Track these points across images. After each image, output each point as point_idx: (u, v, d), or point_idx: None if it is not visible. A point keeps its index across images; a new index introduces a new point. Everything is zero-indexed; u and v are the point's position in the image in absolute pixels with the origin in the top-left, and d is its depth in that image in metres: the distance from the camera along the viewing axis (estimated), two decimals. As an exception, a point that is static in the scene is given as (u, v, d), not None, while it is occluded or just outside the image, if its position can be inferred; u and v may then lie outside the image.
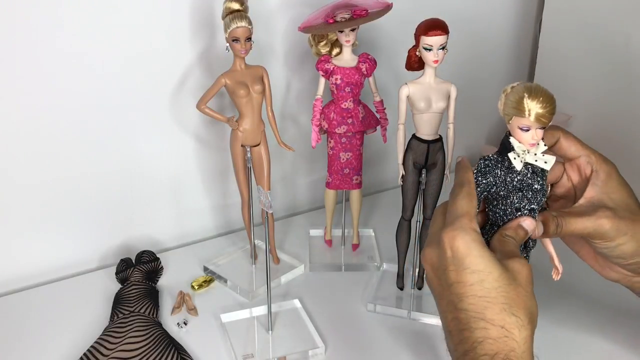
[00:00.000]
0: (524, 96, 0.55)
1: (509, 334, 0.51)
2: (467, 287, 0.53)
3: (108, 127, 0.90)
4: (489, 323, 0.52)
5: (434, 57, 0.73)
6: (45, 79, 0.83)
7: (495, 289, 0.52)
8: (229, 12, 0.79)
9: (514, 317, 0.52)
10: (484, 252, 0.54)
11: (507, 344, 0.51)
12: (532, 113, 0.55)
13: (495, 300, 0.52)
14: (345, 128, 0.88)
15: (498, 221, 0.62)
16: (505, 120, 0.58)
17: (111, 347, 0.75)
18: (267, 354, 0.77)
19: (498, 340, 0.51)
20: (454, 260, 0.54)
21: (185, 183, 0.99)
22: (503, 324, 0.51)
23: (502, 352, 0.51)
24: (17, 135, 0.84)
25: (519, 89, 0.56)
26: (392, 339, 0.80)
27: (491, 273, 0.53)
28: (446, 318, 0.55)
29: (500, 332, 0.51)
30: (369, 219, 1.05)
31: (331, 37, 0.86)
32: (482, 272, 0.53)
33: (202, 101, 0.83)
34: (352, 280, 0.91)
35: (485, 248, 0.54)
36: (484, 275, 0.53)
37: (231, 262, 0.95)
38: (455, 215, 0.56)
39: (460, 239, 0.54)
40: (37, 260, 0.92)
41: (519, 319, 0.52)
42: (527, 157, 0.58)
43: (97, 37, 0.84)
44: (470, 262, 0.53)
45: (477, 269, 0.53)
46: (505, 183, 0.60)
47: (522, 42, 1.24)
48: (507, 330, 0.51)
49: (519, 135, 0.57)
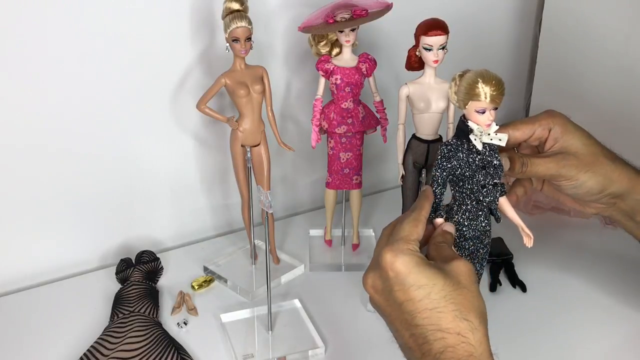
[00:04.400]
0: (478, 81, 0.60)
1: (465, 339, 0.53)
2: (417, 303, 0.54)
3: (108, 127, 0.90)
4: (446, 332, 0.53)
5: (434, 57, 0.74)
6: (45, 79, 0.83)
7: (443, 298, 0.54)
8: (228, 12, 0.79)
9: (466, 321, 0.54)
10: (423, 268, 0.56)
11: (465, 349, 0.53)
12: (487, 96, 0.60)
13: (445, 309, 0.54)
14: (345, 128, 0.88)
15: (465, 200, 0.66)
16: (459, 106, 0.63)
17: (111, 347, 0.75)
18: (267, 354, 0.77)
19: (457, 347, 0.53)
20: (397, 280, 0.56)
21: (185, 183, 0.99)
22: (458, 330, 0.53)
23: (463, 358, 0.53)
24: (17, 136, 0.84)
25: (471, 77, 0.60)
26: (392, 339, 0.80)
27: (435, 284, 0.55)
28: (403, 336, 0.56)
29: (457, 339, 0.53)
30: (369, 219, 1.05)
31: (331, 37, 0.86)
32: (427, 286, 0.55)
33: (202, 101, 0.83)
34: (352, 280, 0.91)
35: (424, 264, 0.56)
36: (429, 288, 0.55)
37: (231, 262, 0.95)
38: (395, 238, 0.59)
39: (398, 259, 0.56)
40: (37, 260, 0.92)
41: (470, 323, 0.54)
42: (484, 138, 0.62)
43: (97, 37, 0.84)
44: (413, 279, 0.55)
45: (421, 283, 0.55)
46: (469, 164, 0.64)
47: (522, 42, 1.24)
48: (462, 336, 0.53)
49: (475, 118, 0.61)
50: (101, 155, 0.91)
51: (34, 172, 0.87)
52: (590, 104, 1.06)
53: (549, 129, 0.71)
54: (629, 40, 0.99)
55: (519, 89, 1.28)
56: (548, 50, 1.15)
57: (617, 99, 1.02)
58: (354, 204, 0.95)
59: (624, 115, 1.01)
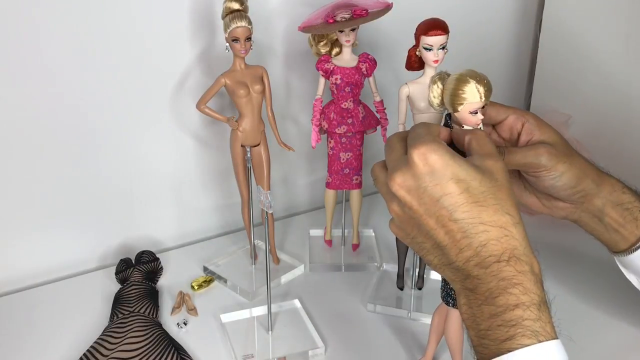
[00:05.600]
0: (472, 83, 0.59)
1: (509, 233, 0.52)
2: (457, 197, 0.52)
3: (108, 126, 0.90)
4: (488, 225, 0.52)
5: (434, 57, 0.73)
6: (45, 79, 0.83)
7: (482, 193, 0.52)
8: (228, 12, 0.79)
9: (508, 215, 0.52)
10: (460, 161, 0.53)
11: (509, 243, 0.52)
12: (482, 95, 0.59)
13: (486, 203, 0.52)
14: (345, 128, 0.88)
15: None
16: (451, 109, 0.61)
17: (111, 347, 0.75)
18: (267, 354, 0.77)
19: (500, 240, 0.51)
20: (433, 174, 0.53)
21: (185, 183, 0.99)
22: (501, 223, 0.52)
23: (507, 251, 0.51)
24: (17, 136, 0.84)
25: (462, 79, 0.59)
26: (392, 339, 0.80)
27: (475, 179, 0.53)
28: (437, 235, 0.54)
29: (500, 232, 0.52)
30: (369, 219, 1.05)
31: (331, 37, 0.86)
32: (465, 180, 0.53)
33: (202, 101, 0.83)
34: (352, 280, 0.91)
35: (459, 157, 0.54)
36: (468, 182, 0.53)
37: (231, 262, 0.95)
38: (418, 136, 0.55)
39: (433, 152, 0.53)
40: (37, 260, 0.92)
41: (512, 217, 0.52)
42: None
43: (97, 37, 0.84)
44: (451, 172, 0.53)
45: (460, 177, 0.53)
46: None
47: (522, 42, 1.24)
48: (505, 229, 0.52)
49: (470, 119, 0.61)
50: (101, 155, 0.91)
51: (33, 172, 0.87)
52: (590, 104, 1.06)
53: (522, 122, 0.69)
54: (629, 40, 0.99)
55: (519, 89, 1.28)
56: (548, 50, 1.15)
57: (617, 99, 1.02)
58: (354, 204, 0.95)
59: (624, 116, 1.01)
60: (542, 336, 0.50)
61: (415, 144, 0.54)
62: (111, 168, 0.92)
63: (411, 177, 0.54)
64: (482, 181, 0.53)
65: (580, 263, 0.93)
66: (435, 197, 0.53)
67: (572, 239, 1.01)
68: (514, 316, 0.50)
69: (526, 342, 0.49)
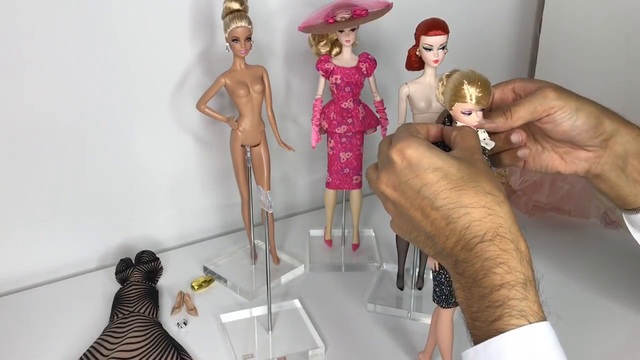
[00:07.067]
0: (464, 83, 0.59)
1: (492, 211, 0.52)
2: (435, 185, 0.53)
3: (108, 126, 0.90)
4: (469, 207, 0.52)
5: (434, 57, 0.73)
6: (45, 79, 0.83)
7: (461, 179, 0.53)
8: (228, 12, 0.79)
9: (490, 195, 0.52)
10: (436, 151, 0.54)
11: (493, 221, 0.52)
12: (473, 97, 0.59)
13: (465, 186, 0.52)
14: (345, 128, 0.88)
15: None
16: (447, 107, 0.62)
17: (111, 347, 0.75)
18: (267, 354, 0.77)
19: (483, 220, 0.51)
20: (411, 167, 0.54)
21: (185, 183, 0.99)
22: (483, 203, 0.52)
23: (491, 230, 0.51)
24: (17, 136, 0.84)
25: (457, 78, 0.60)
26: (392, 339, 0.80)
27: (452, 166, 0.53)
28: (424, 227, 0.55)
29: (483, 212, 0.52)
30: (369, 219, 1.05)
31: (331, 36, 0.86)
32: (443, 168, 0.53)
33: (202, 101, 0.83)
34: (352, 280, 0.91)
35: (435, 149, 0.55)
36: (445, 169, 0.53)
37: (231, 262, 0.95)
38: (397, 135, 0.57)
39: (409, 147, 0.54)
40: (37, 260, 0.92)
41: (495, 196, 0.52)
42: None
43: (97, 37, 0.84)
44: (427, 162, 0.54)
45: (437, 166, 0.53)
46: None
47: (522, 42, 1.24)
48: (488, 209, 0.52)
49: (463, 119, 0.61)
50: (101, 155, 0.91)
51: (33, 172, 0.87)
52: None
53: (511, 88, 0.68)
54: (629, 40, 0.99)
55: (519, 89, 1.28)
56: (548, 50, 1.15)
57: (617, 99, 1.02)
58: (354, 204, 0.95)
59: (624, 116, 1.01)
60: (531, 316, 0.50)
61: (393, 143, 0.56)
62: (111, 168, 0.92)
63: (393, 174, 0.56)
64: (459, 168, 0.53)
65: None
66: (416, 189, 0.54)
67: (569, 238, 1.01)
68: (499, 296, 0.50)
69: (514, 322, 0.49)
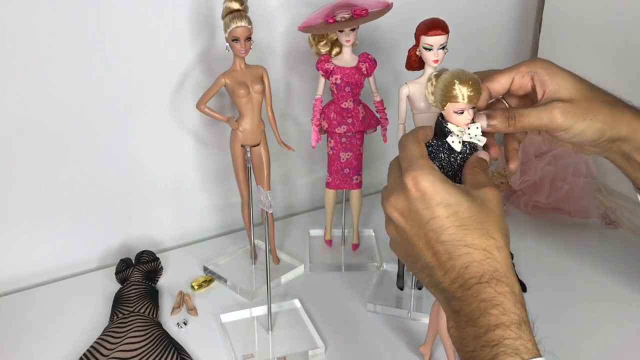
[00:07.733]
0: (455, 83, 0.59)
1: (491, 256, 0.53)
2: (444, 220, 0.54)
3: (108, 126, 0.90)
4: (471, 247, 0.53)
5: (434, 56, 0.73)
6: (45, 79, 0.83)
7: (469, 217, 0.54)
8: (228, 12, 0.79)
9: (492, 239, 0.54)
10: (450, 187, 0.56)
11: (490, 265, 0.53)
12: (465, 97, 0.59)
13: (472, 226, 0.54)
14: (345, 128, 0.88)
15: None
16: (438, 107, 0.62)
17: (111, 347, 0.75)
18: (267, 354, 0.77)
19: (482, 263, 0.53)
20: (424, 199, 0.55)
21: (185, 183, 0.99)
22: (484, 246, 0.53)
23: (488, 273, 0.53)
24: (17, 136, 0.84)
25: (447, 78, 0.60)
26: (392, 339, 0.80)
27: (462, 204, 0.55)
28: (425, 257, 0.56)
29: (483, 255, 0.53)
30: (369, 219, 1.05)
31: (331, 36, 0.86)
32: (454, 205, 0.55)
33: (202, 101, 0.83)
34: (352, 280, 0.91)
35: (450, 184, 0.56)
36: (456, 207, 0.55)
37: (231, 262, 0.95)
38: (411, 160, 0.58)
39: (423, 178, 0.56)
40: (37, 260, 0.92)
41: (496, 241, 0.54)
42: (464, 137, 0.62)
43: (97, 37, 0.84)
44: (441, 197, 0.55)
45: (449, 202, 0.55)
46: (451, 163, 0.63)
47: (522, 42, 1.24)
48: (488, 252, 0.53)
49: (454, 118, 0.61)
50: (101, 155, 0.91)
51: (33, 172, 0.87)
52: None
53: (531, 76, 0.65)
54: (629, 40, 0.99)
55: (519, 89, 1.28)
56: (548, 50, 1.15)
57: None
58: (354, 204, 0.95)
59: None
60: (525, 354, 0.50)
61: (407, 169, 0.57)
62: (111, 168, 0.92)
63: (404, 201, 0.57)
64: (470, 207, 0.55)
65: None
66: (425, 220, 0.55)
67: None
68: (495, 336, 0.51)
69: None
